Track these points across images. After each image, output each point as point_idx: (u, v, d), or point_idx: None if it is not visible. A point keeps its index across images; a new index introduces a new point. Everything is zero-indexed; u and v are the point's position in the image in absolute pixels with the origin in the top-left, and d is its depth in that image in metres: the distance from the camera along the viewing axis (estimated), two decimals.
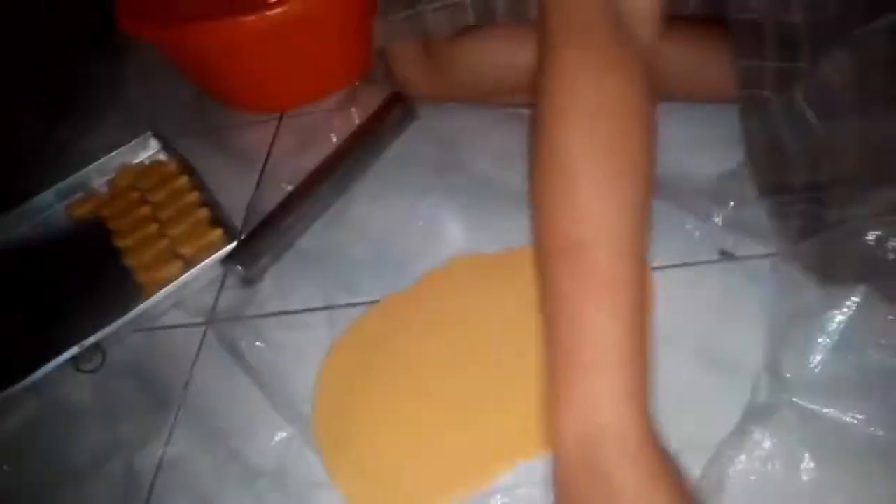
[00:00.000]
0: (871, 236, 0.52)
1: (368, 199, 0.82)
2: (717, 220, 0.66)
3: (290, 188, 0.82)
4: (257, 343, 0.71)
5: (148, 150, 0.95)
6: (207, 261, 0.78)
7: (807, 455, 0.50)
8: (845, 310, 0.51)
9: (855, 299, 0.51)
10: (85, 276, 0.82)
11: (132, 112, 1.05)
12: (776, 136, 0.62)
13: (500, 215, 0.74)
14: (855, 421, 0.50)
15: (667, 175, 0.68)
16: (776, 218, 0.62)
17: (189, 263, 0.78)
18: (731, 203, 0.66)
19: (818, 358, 0.52)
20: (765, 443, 0.51)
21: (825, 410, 0.51)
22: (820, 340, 0.52)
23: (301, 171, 0.83)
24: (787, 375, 0.52)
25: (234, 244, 0.78)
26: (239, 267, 0.76)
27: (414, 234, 0.76)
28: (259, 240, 0.77)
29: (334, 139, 0.87)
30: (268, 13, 0.84)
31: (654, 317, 0.59)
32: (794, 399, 0.51)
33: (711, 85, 0.74)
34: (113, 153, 0.94)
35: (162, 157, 0.94)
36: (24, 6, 1.00)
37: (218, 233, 0.81)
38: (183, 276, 0.77)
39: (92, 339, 0.74)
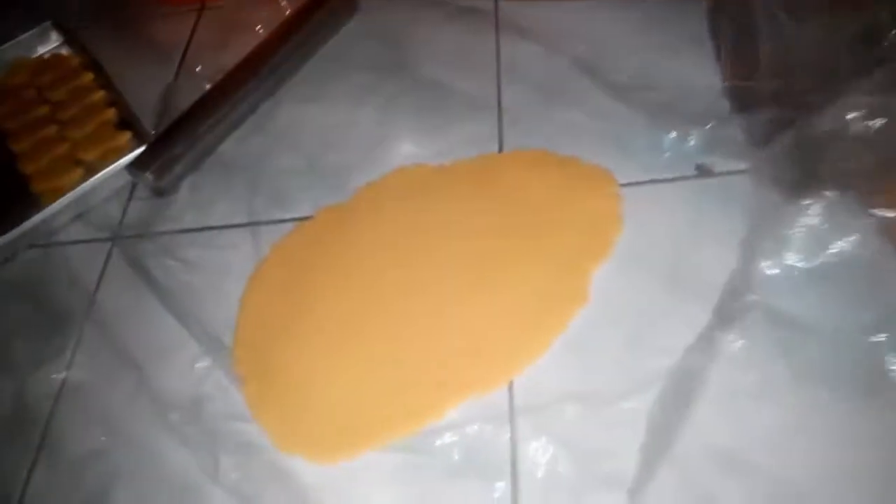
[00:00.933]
0: (838, 124, 0.51)
1: (300, 102, 0.75)
2: (692, 140, 0.61)
3: (209, 87, 0.75)
4: (171, 262, 0.66)
5: (48, 43, 0.88)
6: (113, 167, 0.71)
7: (777, 356, 0.49)
8: (812, 211, 0.51)
9: (822, 199, 0.50)
10: None
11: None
12: (745, 36, 0.59)
13: (451, 123, 0.69)
14: (822, 320, 0.50)
15: (635, 82, 0.66)
16: (751, 132, 0.59)
17: (92, 170, 0.72)
18: (710, 123, 0.61)
19: (786, 260, 0.51)
20: (736, 344, 0.50)
21: (794, 311, 0.50)
22: (788, 242, 0.51)
23: (223, 68, 0.76)
24: (757, 278, 0.52)
25: (143, 149, 0.71)
26: (149, 175, 0.69)
27: (351, 142, 0.70)
28: (173, 144, 0.71)
29: (261, 33, 0.80)
30: None
31: (622, 235, 0.58)
32: (764, 300, 0.51)
33: None
34: (6, 45, 0.86)
35: (64, 50, 0.87)
36: None
37: (126, 136, 0.74)
38: (85, 185, 0.71)
39: None
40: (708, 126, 0.61)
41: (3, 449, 0.59)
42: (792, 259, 0.50)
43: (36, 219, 0.69)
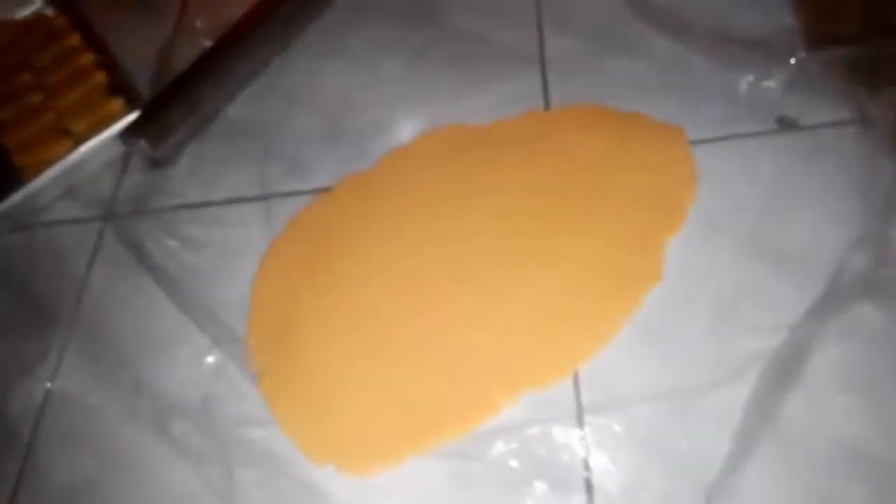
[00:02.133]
0: None
1: (316, 57, 0.71)
2: (774, 80, 0.57)
3: (211, 43, 0.72)
4: (171, 243, 0.62)
5: (31, 4, 0.83)
6: (104, 136, 0.68)
7: None
8: None
9: None
10: None
11: None
12: None
13: (488, 78, 0.64)
14: None
15: (709, 25, 0.61)
16: (850, 74, 0.55)
17: (81, 140, 0.68)
18: (794, 58, 0.56)
19: None
20: (859, 322, 0.45)
21: None
22: None
23: (226, 22, 0.72)
24: (884, 249, 0.47)
25: (138, 115, 0.68)
26: (145, 143, 0.66)
27: (375, 102, 0.66)
28: (171, 109, 0.67)
29: None
30: None
31: (697, 201, 0.54)
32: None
33: None
34: None
35: (49, 11, 0.82)
36: None
37: (118, 102, 0.70)
38: (73, 157, 0.67)
39: None
40: (792, 69, 0.56)
41: None
42: None
43: (18, 196, 0.66)
